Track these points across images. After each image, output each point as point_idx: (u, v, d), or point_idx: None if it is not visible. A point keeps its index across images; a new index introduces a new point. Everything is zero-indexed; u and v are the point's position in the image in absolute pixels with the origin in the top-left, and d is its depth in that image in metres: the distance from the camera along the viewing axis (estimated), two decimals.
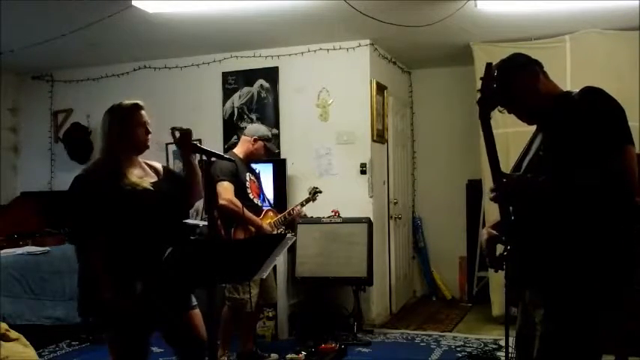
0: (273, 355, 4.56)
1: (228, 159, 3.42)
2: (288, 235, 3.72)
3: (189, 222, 5.05)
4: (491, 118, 2.21)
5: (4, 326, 3.77)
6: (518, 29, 5.32)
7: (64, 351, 4.93)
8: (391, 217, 6.26)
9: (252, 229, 4.18)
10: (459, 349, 4.87)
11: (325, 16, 4.91)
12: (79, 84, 6.68)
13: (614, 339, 2.20)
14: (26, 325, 4.57)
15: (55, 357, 4.79)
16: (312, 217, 5.29)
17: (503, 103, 2.27)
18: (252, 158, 4.43)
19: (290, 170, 5.82)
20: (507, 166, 2.34)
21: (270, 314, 5.19)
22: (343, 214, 5.34)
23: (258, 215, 4.29)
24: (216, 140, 6.00)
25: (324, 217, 5.31)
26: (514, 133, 4.98)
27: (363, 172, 5.68)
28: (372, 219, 5.36)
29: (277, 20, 4.99)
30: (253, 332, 4.58)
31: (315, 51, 5.80)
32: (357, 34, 5.53)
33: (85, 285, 2.67)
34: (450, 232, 6.89)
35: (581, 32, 5.35)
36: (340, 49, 5.74)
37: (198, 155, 2.73)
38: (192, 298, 2.83)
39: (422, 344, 5.09)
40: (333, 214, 5.33)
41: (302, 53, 5.84)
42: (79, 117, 6.65)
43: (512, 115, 2.34)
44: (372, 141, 5.73)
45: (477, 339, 5.16)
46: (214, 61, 6.13)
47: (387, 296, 6.11)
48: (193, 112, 6.16)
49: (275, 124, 5.93)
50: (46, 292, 5.07)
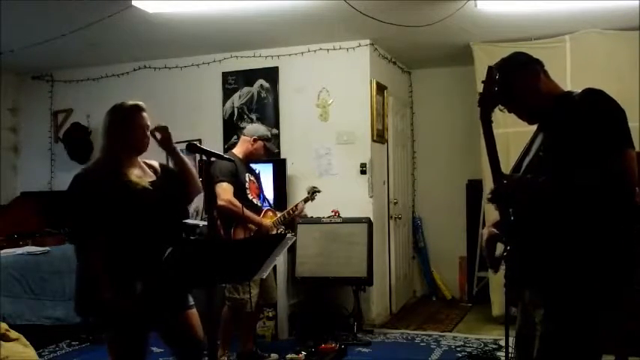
0: (273, 355, 4.56)
1: (227, 159, 3.42)
2: (288, 235, 3.72)
3: (189, 222, 5.06)
4: (492, 121, 2.21)
5: (4, 326, 3.77)
6: (518, 29, 5.32)
7: (64, 351, 4.92)
8: (391, 217, 6.26)
9: (253, 227, 4.18)
10: (459, 349, 4.87)
11: (325, 16, 4.91)
12: (79, 84, 6.68)
13: (614, 339, 2.20)
14: (26, 325, 4.56)
15: (55, 357, 4.79)
16: (312, 217, 5.28)
17: (504, 102, 2.28)
18: (251, 158, 4.43)
19: (290, 170, 5.81)
20: (507, 166, 2.34)
21: (270, 314, 5.19)
22: (343, 214, 5.34)
23: (258, 215, 4.29)
24: (216, 140, 6.01)
25: (324, 217, 5.31)
26: (514, 133, 4.97)
27: (363, 172, 5.68)
28: (372, 219, 5.36)
29: (277, 20, 4.99)
30: (253, 332, 4.58)
31: (315, 51, 5.80)
32: (357, 34, 5.53)
33: (83, 284, 2.67)
34: (450, 232, 6.89)
35: (581, 32, 5.35)
36: (340, 49, 5.74)
37: (198, 155, 2.73)
38: (190, 298, 2.83)
39: (422, 344, 5.09)
40: (333, 214, 5.33)
41: (302, 53, 5.84)
42: (79, 117, 6.65)
43: (513, 114, 2.35)
44: (372, 141, 5.73)
45: (477, 339, 5.16)
46: (214, 61, 6.13)
47: (387, 296, 6.11)
48: (193, 112, 6.17)
49: (275, 124, 5.93)
50: (46, 292, 5.06)
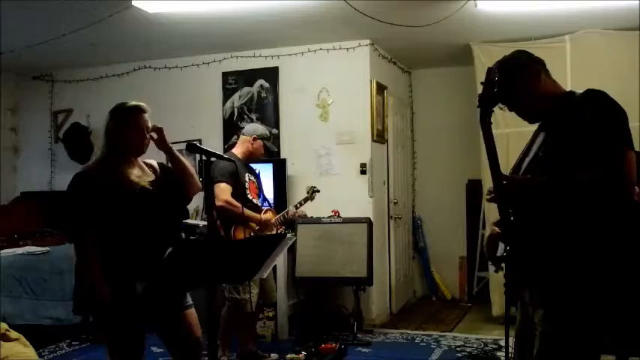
0: (273, 355, 4.56)
1: (227, 159, 3.42)
2: (288, 235, 3.72)
3: (189, 222, 5.05)
4: (492, 123, 2.21)
5: (4, 326, 3.76)
6: (518, 29, 5.32)
7: (64, 351, 4.92)
8: (391, 217, 6.26)
9: (254, 226, 4.18)
10: (458, 349, 4.87)
11: (325, 16, 4.91)
12: (79, 84, 6.68)
13: (614, 339, 2.20)
14: (26, 325, 4.56)
15: (55, 357, 4.79)
16: (312, 217, 5.28)
17: (505, 101, 2.27)
18: (251, 158, 4.43)
19: (290, 170, 5.81)
20: (507, 166, 2.34)
21: (270, 314, 5.19)
22: (343, 214, 5.34)
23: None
24: (216, 140, 6.01)
25: (324, 217, 5.31)
26: (514, 134, 4.98)
27: (363, 172, 5.68)
28: (372, 219, 5.36)
29: (277, 20, 4.99)
30: (253, 332, 4.58)
31: (315, 51, 5.80)
32: (357, 34, 5.52)
33: (80, 283, 2.68)
34: (450, 232, 6.89)
35: (581, 32, 5.35)
36: (340, 49, 5.74)
37: (198, 155, 2.74)
38: (188, 298, 2.83)
39: (422, 344, 5.09)
40: (333, 214, 5.33)
41: (302, 53, 5.84)
42: (79, 117, 6.64)
43: (513, 115, 2.35)
44: (372, 141, 5.73)
45: (477, 339, 5.16)
46: (214, 61, 6.13)
47: (387, 296, 6.11)
48: (193, 112, 6.17)
49: (275, 124, 5.93)
50: (46, 292, 5.06)
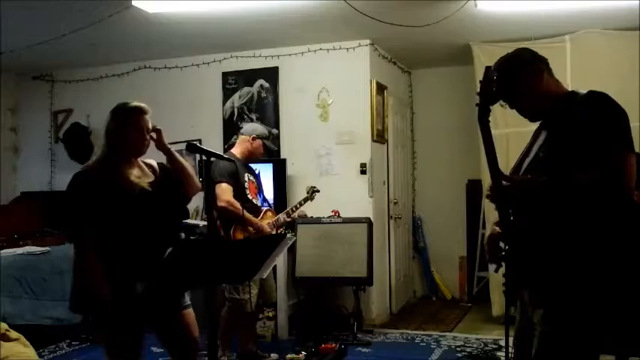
0: (273, 355, 4.56)
1: (227, 159, 3.42)
2: (288, 235, 3.72)
3: (189, 222, 5.05)
4: (490, 121, 2.20)
5: (4, 326, 3.76)
6: (518, 29, 5.32)
7: (64, 351, 4.92)
8: (391, 217, 6.26)
9: (252, 229, 4.18)
10: (458, 349, 4.87)
11: (325, 16, 4.91)
12: (79, 84, 6.68)
13: (614, 339, 2.20)
14: (26, 325, 4.56)
15: (55, 357, 4.79)
16: (312, 217, 5.28)
17: (506, 99, 2.27)
18: (251, 157, 4.42)
19: (290, 170, 5.81)
20: (507, 166, 2.34)
21: (270, 314, 5.19)
22: (343, 214, 5.34)
23: (257, 215, 4.29)
24: (216, 140, 6.01)
25: (324, 217, 5.31)
26: (514, 134, 4.98)
27: (363, 172, 5.68)
28: (372, 219, 5.36)
29: (277, 20, 4.99)
30: (253, 332, 4.58)
31: (315, 51, 5.80)
32: (357, 34, 5.52)
33: (79, 282, 2.68)
34: (450, 232, 6.89)
35: (581, 32, 5.35)
36: (340, 49, 5.74)
37: (198, 155, 2.74)
38: (186, 298, 2.83)
39: (422, 344, 5.09)
40: (333, 214, 5.33)
41: (302, 53, 5.84)
42: (79, 117, 6.64)
43: (513, 114, 2.35)
44: (372, 141, 5.73)
45: (477, 339, 5.16)
46: (214, 61, 6.13)
47: (387, 296, 6.11)
48: (193, 112, 6.17)
49: (275, 124, 5.94)
50: (46, 292, 5.06)
